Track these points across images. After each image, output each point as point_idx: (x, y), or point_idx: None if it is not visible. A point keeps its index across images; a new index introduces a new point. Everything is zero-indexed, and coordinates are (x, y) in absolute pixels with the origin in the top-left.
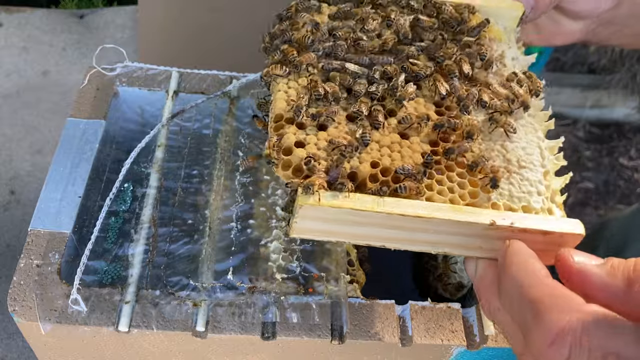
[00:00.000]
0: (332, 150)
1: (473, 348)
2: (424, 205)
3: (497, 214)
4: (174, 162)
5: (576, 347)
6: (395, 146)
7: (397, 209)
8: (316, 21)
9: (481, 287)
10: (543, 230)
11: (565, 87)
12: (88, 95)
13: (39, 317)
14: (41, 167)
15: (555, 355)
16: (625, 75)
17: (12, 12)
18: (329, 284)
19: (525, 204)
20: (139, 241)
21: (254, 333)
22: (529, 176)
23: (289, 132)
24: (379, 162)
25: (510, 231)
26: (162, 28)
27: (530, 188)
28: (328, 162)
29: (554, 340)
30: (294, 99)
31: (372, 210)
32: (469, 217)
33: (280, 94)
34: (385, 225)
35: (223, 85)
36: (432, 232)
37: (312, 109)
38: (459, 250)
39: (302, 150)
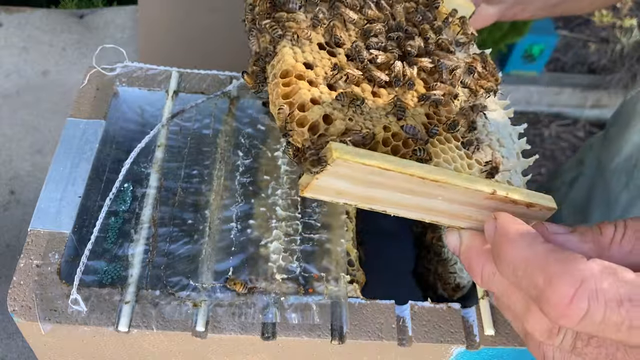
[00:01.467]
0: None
1: (473, 348)
2: (450, 172)
3: (495, 184)
4: (174, 162)
5: (593, 299)
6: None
7: (431, 175)
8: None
9: (471, 256)
10: (529, 202)
11: (565, 87)
12: (88, 95)
13: (38, 317)
14: (41, 167)
15: (575, 311)
16: (625, 75)
17: (12, 12)
18: (329, 284)
19: (509, 180)
20: (139, 241)
21: (254, 333)
22: (507, 155)
23: (302, 87)
24: (389, 127)
25: (502, 202)
26: (162, 28)
27: (509, 166)
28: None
29: (572, 298)
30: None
31: (406, 173)
32: (475, 185)
33: (287, 49)
34: (399, 189)
35: (223, 85)
36: (440, 199)
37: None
38: (449, 220)
39: (319, 107)
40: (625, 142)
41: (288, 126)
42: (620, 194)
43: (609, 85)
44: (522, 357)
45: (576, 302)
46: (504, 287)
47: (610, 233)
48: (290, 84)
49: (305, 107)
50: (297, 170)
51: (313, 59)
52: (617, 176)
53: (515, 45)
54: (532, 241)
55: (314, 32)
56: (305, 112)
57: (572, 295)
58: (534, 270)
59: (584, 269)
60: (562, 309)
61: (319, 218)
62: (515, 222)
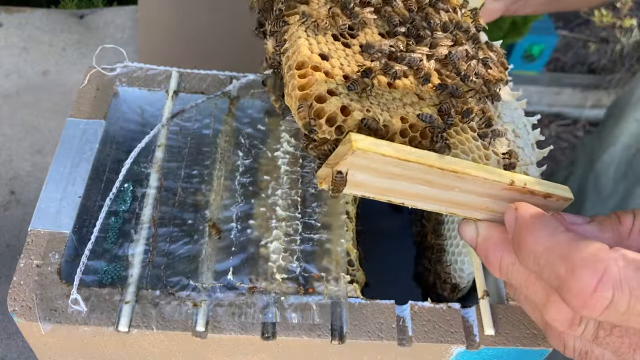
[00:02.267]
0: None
1: (473, 348)
2: (468, 164)
3: (512, 175)
4: (174, 162)
5: (618, 288)
6: (416, 105)
7: (450, 165)
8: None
9: (489, 247)
10: (547, 192)
11: (565, 87)
12: (88, 95)
13: (38, 317)
14: (41, 167)
15: (599, 300)
16: (625, 75)
17: (12, 12)
18: (329, 284)
19: (525, 171)
20: (139, 241)
21: (254, 333)
22: (522, 145)
23: (319, 79)
24: (406, 118)
25: (520, 192)
26: (162, 28)
27: (525, 158)
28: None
29: (596, 287)
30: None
31: (425, 164)
32: (493, 176)
33: (302, 40)
34: (417, 180)
35: (223, 85)
36: (457, 190)
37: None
38: (466, 211)
39: (337, 99)
40: (620, 133)
41: (312, 122)
42: (618, 184)
43: (609, 85)
44: (522, 357)
45: (600, 291)
46: (524, 277)
47: (629, 222)
48: (307, 76)
49: (322, 99)
50: (297, 170)
51: (328, 50)
52: (613, 167)
53: (515, 45)
54: (554, 230)
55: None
56: (322, 104)
57: (596, 284)
58: (556, 259)
59: (607, 258)
60: (586, 298)
61: (319, 218)
62: (536, 212)
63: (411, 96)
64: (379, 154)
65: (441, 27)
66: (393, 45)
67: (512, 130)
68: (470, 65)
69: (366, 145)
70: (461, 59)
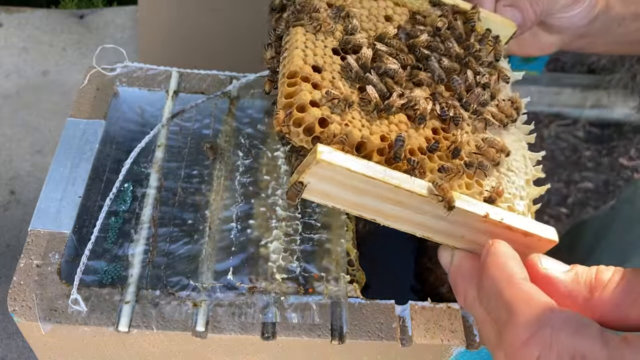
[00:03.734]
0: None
1: (473, 348)
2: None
3: (489, 208)
4: (174, 162)
5: (546, 348)
6: (402, 126)
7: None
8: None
9: (458, 277)
10: (526, 231)
11: (565, 87)
12: (88, 95)
13: (39, 317)
14: (41, 167)
15: (526, 355)
16: (625, 75)
17: (12, 12)
18: (329, 284)
19: (510, 205)
20: (139, 241)
21: (254, 333)
22: (515, 180)
23: (304, 89)
24: (387, 137)
25: (496, 226)
26: (162, 28)
27: (515, 191)
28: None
29: (526, 342)
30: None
31: (383, 182)
32: (467, 206)
33: (298, 51)
34: (385, 198)
35: (223, 85)
36: (429, 214)
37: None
38: (441, 237)
39: (317, 110)
40: None
41: (284, 129)
42: None
43: (609, 85)
44: None
45: (529, 347)
46: (482, 315)
47: (603, 280)
48: (295, 85)
49: (303, 109)
50: None
51: (323, 63)
52: None
53: None
54: (513, 276)
55: (331, 37)
56: (302, 113)
57: (527, 339)
58: (503, 305)
59: (547, 316)
60: (515, 350)
61: (319, 218)
62: (507, 253)
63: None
64: (344, 168)
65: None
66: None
67: (507, 165)
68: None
69: (331, 157)
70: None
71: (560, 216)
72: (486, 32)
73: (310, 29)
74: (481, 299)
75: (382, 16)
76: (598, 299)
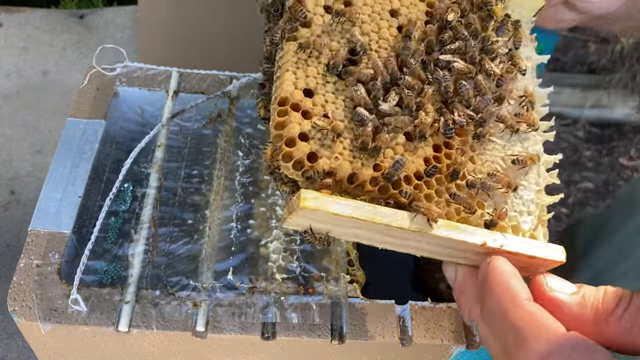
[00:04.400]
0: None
1: (473, 348)
2: (421, 220)
3: (488, 234)
4: (174, 162)
5: None
6: (399, 148)
7: (396, 222)
8: None
9: (462, 294)
10: (529, 255)
11: (565, 87)
12: (88, 95)
13: (38, 317)
14: (41, 167)
15: None
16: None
17: (12, 12)
18: (329, 284)
19: (515, 224)
20: (139, 241)
21: (254, 333)
22: (522, 194)
23: (293, 121)
24: (381, 166)
25: (497, 252)
26: (162, 28)
27: (522, 207)
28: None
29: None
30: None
31: (372, 222)
32: (463, 236)
33: (289, 74)
34: (378, 232)
35: (223, 85)
36: (424, 242)
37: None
38: (443, 257)
39: (305, 145)
40: None
41: (273, 164)
42: None
43: (609, 85)
44: None
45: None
46: (486, 331)
47: (611, 306)
48: (285, 114)
49: (292, 143)
50: None
51: (315, 85)
52: None
53: None
54: (516, 297)
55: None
56: (292, 148)
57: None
58: (509, 327)
59: (557, 342)
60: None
61: None
62: (508, 274)
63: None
64: (330, 213)
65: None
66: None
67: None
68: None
69: (315, 204)
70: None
71: (560, 216)
72: (504, 19)
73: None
74: (485, 318)
75: (387, 11)
76: (606, 323)
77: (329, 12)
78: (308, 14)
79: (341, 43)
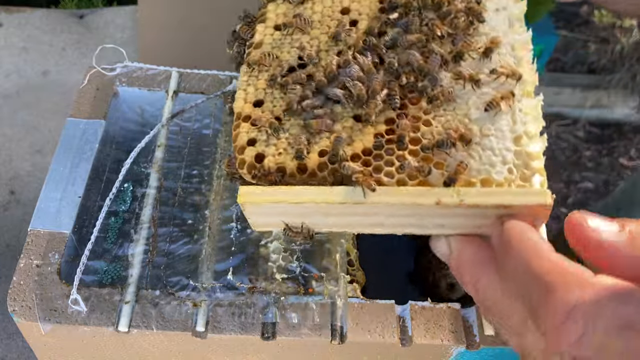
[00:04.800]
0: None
1: (473, 348)
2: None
3: (445, 192)
4: (174, 162)
5: (590, 322)
6: (347, 130)
7: (333, 198)
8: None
9: (463, 264)
10: (498, 204)
11: (565, 87)
12: (88, 95)
13: (38, 317)
14: (41, 167)
15: (569, 333)
16: (625, 75)
17: (12, 12)
18: (329, 284)
19: (485, 177)
20: (139, 241)
21: (254, 333)
22: (492, 145)
23: (242, 130)
24: (327, 150)
25: (466, 208)
26: (162, 28)
27: (493, 158)
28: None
29: (566, 318)
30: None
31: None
32: (412, 199)
33: (239, 92)
34: (334, 214)
35: (223, 85)
36: (383, 216)
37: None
38: (422, 230)
39: (251, 148)
40: None
41: (233, 173)
42: None
43: (609, 85)
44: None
45: (571, 323)
46: (501, 299)
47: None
48: (237, 128)
49: (243, 150)
50: None
51: (264, 95)
52: None
53: None
54: (539, 248)
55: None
56: (242, 155)
57: (568, 314)
58: (534, 279)
59: (586, 285)
60: (555, 329)
61: None
62: (525, 228)
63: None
64: (268, 202)
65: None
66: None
67: (479, 130)
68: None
69: (251, 198)
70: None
71: (560, 216)
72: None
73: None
74: (505, 282)
75: (338, 12)
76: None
77: (280, 29)
78: (256, 35)
79: (292, 53)
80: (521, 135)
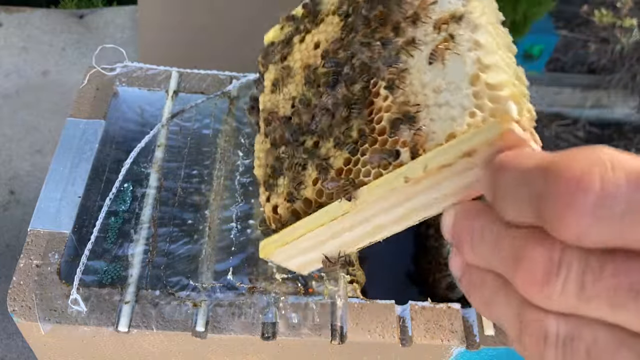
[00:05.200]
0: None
1: (473, 348)
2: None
3: (410, 166)
4: (174, 162)
5: (608, 172)
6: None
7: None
8: None
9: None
10: (464, 152)
11: (565, 87)
12: (88, 95)
13: (38, 317)
14: (41, 167)
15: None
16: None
17: (12, 12)
18: (329, 284)
19: (450, 132)
20: (139, 241)
21: (254, 333)
22: (447, 98)
23: (261, 192)
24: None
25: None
26: (162, 28)
27: (451, 112)
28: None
29: (579, 181)
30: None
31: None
32: (387, 188)
33: (256, 160)
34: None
35: (223, 85)
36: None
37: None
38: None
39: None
40: None
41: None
42: None
43: (609, 85)
44: (522, 357)
45: (586, 183)
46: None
47: None
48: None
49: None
50: None
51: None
52: None
53: (516, 45)
54: (528, 151)
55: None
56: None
57: (579, 179)
58: (532, 174)
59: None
60: (569, 197)
61: None
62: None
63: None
64: (289, 243)
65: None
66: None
67: (432, 90)
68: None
69: (270, 250)
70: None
71: None
72: None
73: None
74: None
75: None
76: None
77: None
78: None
79: (286, 100)
80: (477, 74)
